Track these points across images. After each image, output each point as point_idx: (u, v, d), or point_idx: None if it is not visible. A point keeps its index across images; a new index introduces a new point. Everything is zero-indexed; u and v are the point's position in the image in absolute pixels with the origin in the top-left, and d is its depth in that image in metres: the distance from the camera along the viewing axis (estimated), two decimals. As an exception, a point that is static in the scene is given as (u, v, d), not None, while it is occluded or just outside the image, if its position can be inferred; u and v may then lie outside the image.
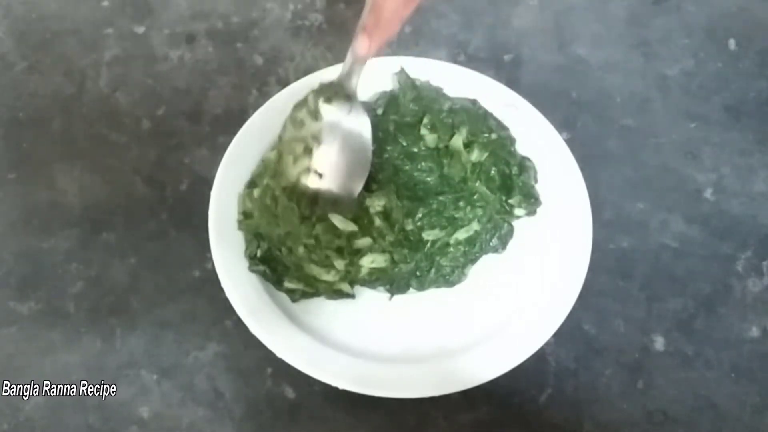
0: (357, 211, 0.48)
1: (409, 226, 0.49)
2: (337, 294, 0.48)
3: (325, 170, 0.47)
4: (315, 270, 0.48)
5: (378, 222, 0.48)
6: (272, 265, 0.48)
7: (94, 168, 0.54)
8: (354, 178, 0.47)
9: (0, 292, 0.50)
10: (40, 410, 0.46)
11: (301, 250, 0.48)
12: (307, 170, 0.47)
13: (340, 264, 0.48)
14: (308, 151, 0.47)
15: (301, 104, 0.48)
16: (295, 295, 0.48)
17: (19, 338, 0.48)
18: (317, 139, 0.47)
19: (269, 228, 0.48)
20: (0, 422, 0.46)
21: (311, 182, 0.47)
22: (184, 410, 0.47)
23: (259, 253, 0.48)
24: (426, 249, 0.49)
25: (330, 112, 0.47)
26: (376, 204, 0.48)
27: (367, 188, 0.49)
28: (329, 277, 0.48)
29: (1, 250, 0.51)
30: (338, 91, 0.47)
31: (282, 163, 0.48)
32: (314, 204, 0.47)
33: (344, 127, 0.47)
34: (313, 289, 0.48)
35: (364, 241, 0.48)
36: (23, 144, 0.55)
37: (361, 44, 0.43)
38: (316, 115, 0.47)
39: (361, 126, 0.47)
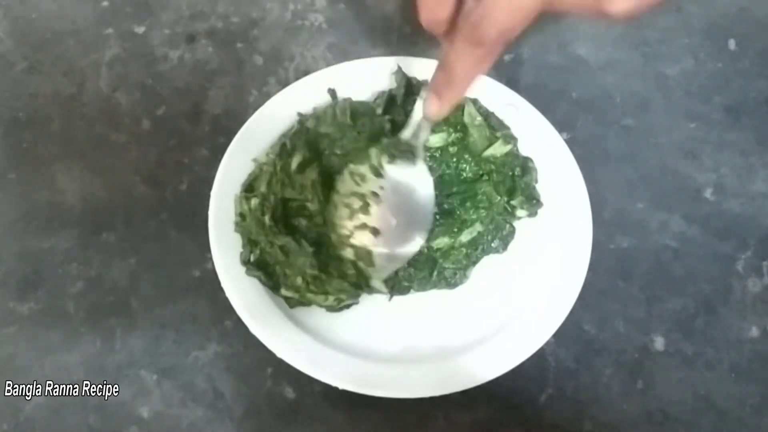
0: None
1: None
2: (337, 309, 0.48)
3: (383, 228, 0.46)
4: (313, 299, 0.48)
5: None
6: (268, 271, 0.48)
7: (94, 168, 0.54)
8: (412, 235, 0.46)
9: (0, 292, 0.50)
10: (41, 410, 0.46)
11: (299, 280, 0.47)
12: (363, 226, 0.46)
13: (342, 295, 0.48)
14: (365, 207, 0.46)
15: (363, 158, 0.47)
16: (291, 302, 0.48)
17: (19, 338, 0.48)
18: (377, 196, 0.46)
19: (266, 246, 0.48)
20: (0, 422, 0.46)
21: (366, 239, 0.46)
22: (184, 410, 0.47)
23: (252, 258, 0.48)
24: (432, 259, 0.49)
25: (394, 170, 0.46)
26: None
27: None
28: (328, 303, 0.48)
29: (1, 250, 0.51)
30: (403, 149, 0.46)
31: (336, 214, 0.47)
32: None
33: (407, 186, 0.46)
34: (310, 304, 0.48)
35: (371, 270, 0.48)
36: (23, 144, 0.55)
37: (430, 104, 0.40)
38: (378, 171, 0.46)
39: (425, 184, 0.46)
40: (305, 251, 0.47)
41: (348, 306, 0.48)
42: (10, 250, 0.51)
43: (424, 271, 0.49)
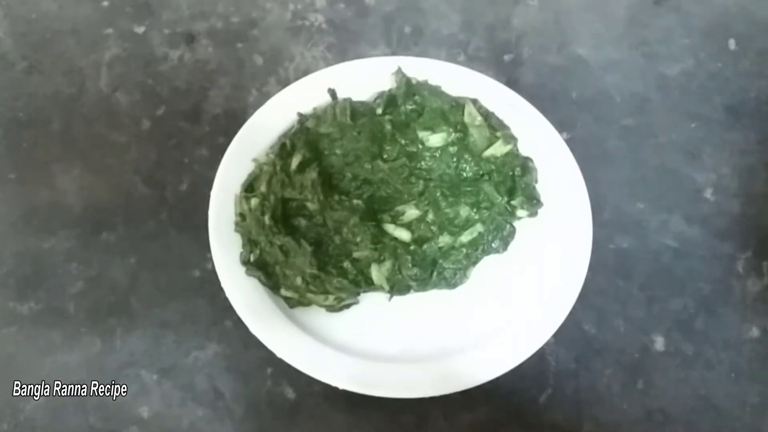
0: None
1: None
2: (337, 309, 0.48)
3: None
4: (313, 299, 0.48)
5: (405, 237, 0.49)
6: (268, 271, 0.48)
7: (94, 168, 0.54)
8: None
9: (0, 292, 0.50)
10: (40, 410, 0.46)
11: (299, 280, 0.48)
12: None
13: (342, 294, 0.48)
14: None
15: None
16: (291, 302, 0.48)
17: (19, 338, 0.48)
18: None
19: (266, 246, 0.48)
20: (0, 422, 0.46)
21: None
22: (184, 410, 0.47)
23: (252, 258, 0.48)
24: (432, 259, 0.49)
25: None
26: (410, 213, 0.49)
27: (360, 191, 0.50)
28: (328, 303, 0.48)
29: (1, 250, 0.51)
30: None
31: None
32: None
33: None
34: (310, 304, 0.48)
35: (374, 267, 0.48)
36: (23, 144, 0.55)
37: None
38: None
39: None
40: (305, 251, 0.47)
41: (348, 306, 0.48)
42: (10, 250, 0.51)
43: (425, 271, 0.49)
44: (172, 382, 0.47)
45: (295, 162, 0.50)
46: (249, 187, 0.50)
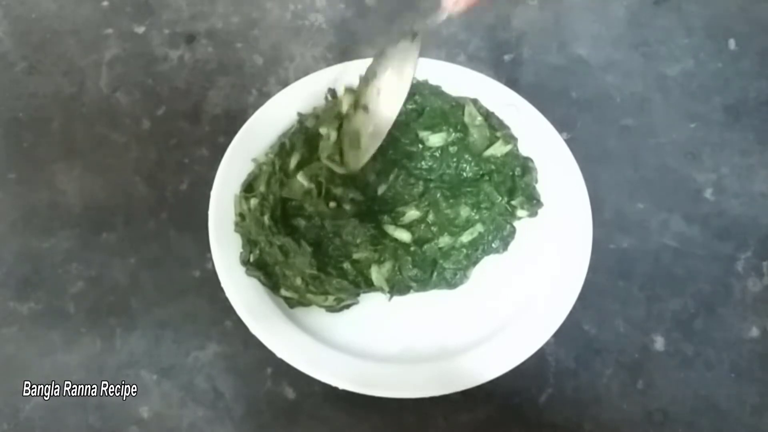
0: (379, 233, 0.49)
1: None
2: (337, 310, 0.48)
3: (371, 101, 0.48)
4: (313, 299, 0.48)
5: (405, 237, 0.49)
6: (268, 271, 0.48)
7: (94, 168, 0.54)
8: (392, 108, 0.47)
9: (0, 292, 0.50)
10: (40, 410, 0.46)
11: (298, 281, 0.48)
12: (353, 107, 0.49)
13: (342, 294, 0.48)
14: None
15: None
16: (291, 302, 0.48)
17: (19, 338, 0.48)
18: (373, 73, 0.48)
19: (265, 246, 0.48)
20: (0, 422, 0.46)
21: (358, 120, 0.48)
22: (184, 410, 0.47)
23: (251, 259, 0.48)
24: (432, 259, 0.49)
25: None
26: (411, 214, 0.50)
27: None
28: (327, 303, 0.48)
29: (1, 250, 0.51)
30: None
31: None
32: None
33: (397, 57, 0.47)
34: (310, 304, 0.48)
35: (374, 269, 0.48)
36: (23, 144, 0.55)
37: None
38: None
39: (409, 57, 0.47)
40: (305, 251, 0.47)
41: (348, 306, 0.48)
42: (10, 250, 0.51)
43: (425, 272, 0.49)
44: (172, 382, 0.47)
45: (293, 161, 0.50)
46: (248, 187, 0.50)
